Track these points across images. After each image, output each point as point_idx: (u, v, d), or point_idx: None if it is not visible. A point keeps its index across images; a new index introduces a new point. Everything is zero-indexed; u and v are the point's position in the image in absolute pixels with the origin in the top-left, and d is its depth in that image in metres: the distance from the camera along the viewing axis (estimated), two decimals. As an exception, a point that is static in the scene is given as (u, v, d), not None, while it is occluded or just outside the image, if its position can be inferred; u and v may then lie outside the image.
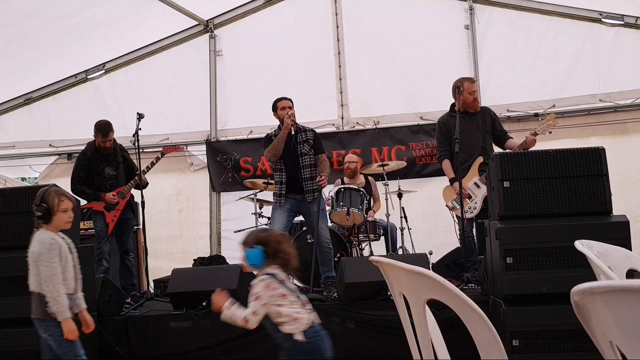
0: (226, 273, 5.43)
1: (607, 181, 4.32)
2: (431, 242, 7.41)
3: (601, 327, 1.00)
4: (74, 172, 6.50)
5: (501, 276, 4.23)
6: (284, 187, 6.05)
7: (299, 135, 6.07)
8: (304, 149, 6.03)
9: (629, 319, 0.89)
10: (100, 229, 6.41)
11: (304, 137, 6.10)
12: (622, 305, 0.89)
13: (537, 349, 4.07)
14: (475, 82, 6.36)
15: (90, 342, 4.88)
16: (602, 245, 2.20)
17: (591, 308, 0.99)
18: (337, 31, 8.85)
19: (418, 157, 8.46)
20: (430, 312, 1.59)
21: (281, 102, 6.12)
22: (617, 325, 0.92)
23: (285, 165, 6.06)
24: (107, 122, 6.45)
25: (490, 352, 1.27)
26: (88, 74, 9.15)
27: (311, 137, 6.14)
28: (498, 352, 1.25)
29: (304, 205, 6.03)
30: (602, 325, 0.99)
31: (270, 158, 6.09)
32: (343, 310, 5.16)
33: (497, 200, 4.44)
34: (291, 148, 6.00)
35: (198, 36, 9.22)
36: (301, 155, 6.01)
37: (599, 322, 1.00)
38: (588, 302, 0.99)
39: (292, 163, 6.03)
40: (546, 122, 5.95)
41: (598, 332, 1.04)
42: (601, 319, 0.98)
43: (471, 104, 6.20)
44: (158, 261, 7.85)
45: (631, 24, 7.90)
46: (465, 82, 6.26)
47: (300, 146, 6.02)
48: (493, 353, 1.26)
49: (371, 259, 1.75)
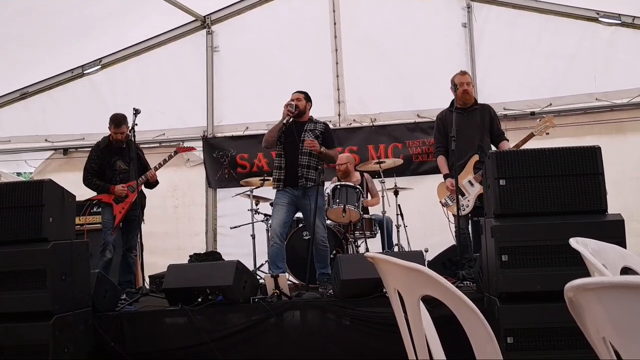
0: (222, 269, 5.43)
1: (603, 180, 4.32)
2: (427, 239, 7.41)
3: (594, 323, 1.00)
4: (86, 164, 6.59)
5: (496, 274, 4.23)
6: (282, 172, 6.08)
7: (308, 124, 6.17)
8: (306, 137, 6.07)
9: (622, 316, 0.89)
10: (107, 220, 6.46)
11: (311, 127, 6.18)
12: (616, 301, 0.89)
13: (532, 347, 4.08)
14: (465, 75, 6.29)
15: (85, 337, 4.90)
16: (597, 243, 2.20)
17: (584, 304, 0.99)
18: (334, 28, 8.86)
19: (414, 155, 8.47)
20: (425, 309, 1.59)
21: (293, 94, 6.24)
22: (610, 321, 0.92)
23: (285, 150, 6.11)
24: (123, 114, 6.55)
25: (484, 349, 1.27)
26: (84, 69, 9.15)
27: (320, 129, 6.19)
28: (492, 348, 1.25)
29: (302, 200, 6.04)
30: (596, 321, 0.99)
31: (264, 143, 6.22)
32: (338, 307, 5.15)
33: (493, 198, 4.44)
34: (294, 135, 6.05)
35: (195, 32, 9.22)
36: (302, 142, 6.05)
37: (593, 318, 1.00)
38: (581, 298, 1.00)
39: (291, 149, 6.08)
40: (544, 123, 5.94)
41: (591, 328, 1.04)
42: (594, 315, 0.98)
43: (461, 97, 6.18)
44: (153, 257, 7.86)
45: (628, 23, 7.91)
46: (457, 76, 6.26)
47: (304, 133, 6.08)
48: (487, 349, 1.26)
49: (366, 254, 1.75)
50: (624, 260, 2.29)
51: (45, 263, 4.47)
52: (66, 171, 8.90)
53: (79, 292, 4.86)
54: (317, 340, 5.13)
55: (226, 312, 5.27)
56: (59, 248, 4.63)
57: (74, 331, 4.71)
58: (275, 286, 5.39)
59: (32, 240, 4.59)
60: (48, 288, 4.44)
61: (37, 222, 4.60)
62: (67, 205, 5.00)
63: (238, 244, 8.11)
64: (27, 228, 4.60)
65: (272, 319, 5.15)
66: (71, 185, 5.44)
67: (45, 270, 4.45)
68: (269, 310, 5.15)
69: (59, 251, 4.62)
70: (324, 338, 5.13)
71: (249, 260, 7.08)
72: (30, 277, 4.46)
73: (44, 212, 4.62)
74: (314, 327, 5.23)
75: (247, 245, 7.50)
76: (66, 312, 4.62)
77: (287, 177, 6.06)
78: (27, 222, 4.61)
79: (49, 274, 4.46)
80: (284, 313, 5.19)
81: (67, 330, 4.59)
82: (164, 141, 9.05)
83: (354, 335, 5.09)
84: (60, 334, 4.48)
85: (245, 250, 7.45)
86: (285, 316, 5.20)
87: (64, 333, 4.53)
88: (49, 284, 4.44)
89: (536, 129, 5.95)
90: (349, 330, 5.13)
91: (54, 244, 4.57)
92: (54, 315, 4.45)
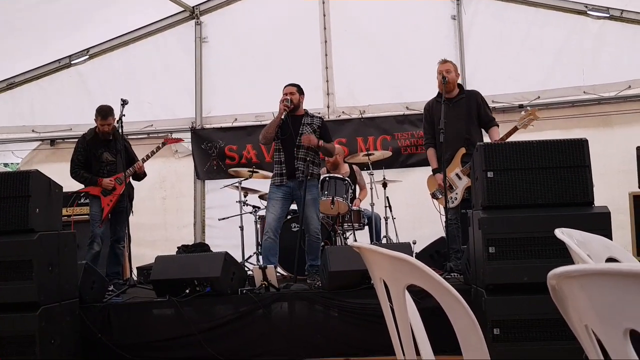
0: (210, 261, 5.43)
1: (590, 172, 4.34)
2: (415, 232, 7.42)
3: (577, 311, 1.01)
4: (73, 155, 6.54)
5: (483, 266, 4.25)
6: (283, 166, 6.10)
7: (304, 118, 6.19)
8: (303, 130, 6.09)
9: (604, 303, 0.89)
10: (95, 213, 6.42)
11: (308, 121, 6.20)
12: (598, 289, 0.89)
13: (518, 338, 4.10)
14: (446, 63, 6.19)
15: (72, 328, 4.88)
16: (582, 234, 2.21)
17: (567, 292, 1.00)
18: (323, 20, 8.83)
19: (403, 147, 8.47)
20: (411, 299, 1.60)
21: (285, 88, 6.23)
22: (592, 309, 0.92)
23: (283, 145, 6.12)
24: (109, 106, 6.49)
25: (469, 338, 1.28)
26: (72, 60, 9.07)
27: (317, 124, 6.22)
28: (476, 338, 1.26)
29: (297, 192, 6.05)
30: (578, 309, 0.99)
31: (261, 140, 6.25)
32: (327, 299, 5.17)
33: (480, 190, 4.45)
34: (291, 130, 6.06)
35: (184, 22, 9.16)
36: (299, 136, 6.08)
37: (575, 306, 1.00)
38: (564, 286, 1.00)
39: (289, 144, 6.09)
40: (528, 116, 5.93)
41: (574, 316, 1.05)
42: (577, 303, 0.98)
43: (440, 85, 6.14)
44: (141, 248, 7.82)
45: (616, 16, 7.94)
46: (438, 64, 6.23)
47: (302, 127, 6.10)
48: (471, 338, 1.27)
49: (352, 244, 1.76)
50: (609, 251, 2.31)
51: (31, 254, 4.46)
52: (53, 162, 8.85)
53: (66, 283, 4.85)
54: (305, 331, 5.14)
55: (214, 304, 5.27)
56: (46, 239, 4.62)
57: (61, 322, 4.70)
58: (264, 278, 5.39)
59: (19, 231, 4.57)
60: (34, 279, 4.42)
61: (24, 213, 4.58)
62: (54, 196, 4.98)
63: (226, 236, 8.11)
64: (14, 219, 4.59)
65: (260, 311, 5.15)
66: (58, 176, 5.42)
67: (32, 261, 4.44)
68: (256, 301, 5.15)
69: (46, 242, 4.61)
70: (311, 329, 5.14)
71: (237, 251, 7.08)
72: (16, 268, 4.44)
73: (31, 202, 4.60)
74: (301, 319, 5.24)
75: (235, 237, 7.48)
76: (53, 303, 4.61)
77: (288, 171, 6.08)
78: (14, 213, 4.59)
79: (36, 264, 4.44)
80: (271, 304, 5.19)
81: (53, 321, 4.58)
82: (152, 132, 9.01)
83: (341, 327, 5.11)
84: (47, 325, 4.47)
85: (234, 242, 7.44)
86: (273, 307, 5.21)
87: (50, 324, 4.52)
88: (35, 275, 4.43)
89: (520, 122, 5.94)
90: (336, 321, 5.15)
91: (40, 235, 4.55)
92: (40, 306, 4.44)
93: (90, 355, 5.11)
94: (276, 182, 6.11)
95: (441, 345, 2.99)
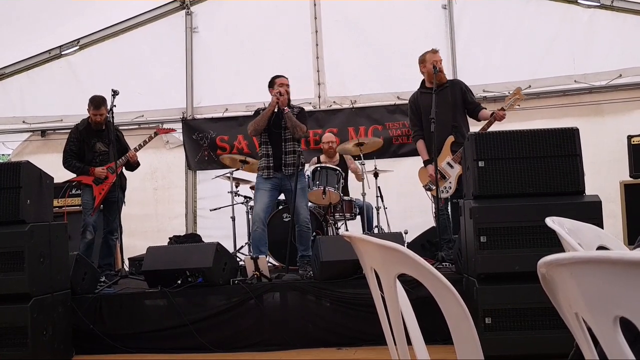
0: (201, 251, 5.43)
1: (581, 161, 4.36)
2: (407, 221, 7.43)
3: (567, 299, 1.01)
4: (65, 146, 6.52)
5: (475, 255, 4.26)
6: (271, 159, 6.08)
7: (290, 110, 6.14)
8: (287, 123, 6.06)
9: (594, 291, 0.89)
10: (87, 202, 6.42)
11: (292, 112, 6.14)
12: (588, 276, 0.89)
13: (510, 327, 4.13)
14: (436, 53, 6.27)
15: (64, 319, 4.88)
16: (573, 223, 2.22)
17: (557, 280, 1.00)
18: (314, 9, 8.81)
19: (394, 137, 8.48)
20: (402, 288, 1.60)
21: (279, 79, 6.16)
22: (582, 296, 0.92)
23: (270, 138, 6.10)
24: (102, 96, 6.47)
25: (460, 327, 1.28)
26: (62, 50, 9.03)
27: (296, 113, 6.17)
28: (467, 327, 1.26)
29: (286, 183, 6.04)
30: (568, 297, 0.99)
31: (251, 132, 6.20)
32: (318, 289, 5.18)
33: (471, 179, 4.46)
34: (277, 122, 6.04)
35: (174, 12, 9.13)
36: (284, 129, 6.05)
37: (565, 294, 1.00)
38: (554, 274, 1.00)
39: (276, 137, 6.08)
40: (513, 96, 5.96)
41: (564, 304, 1.05)
42: (567, 291, 0.98)
43: (430, 75, 6.15)
44: (133, 239, 7.82)
45: (607, 5, 7.95)
46: (428, 54, 6.25)
47: (284, 120, 6.05)
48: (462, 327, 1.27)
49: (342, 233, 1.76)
50: (600, 240, 2.32)
51: (23, 245, 4.44)
52: (44, 153, 8.83)
53: (58, 274, 4.83)
54: (296, 321, 5.15)
55: (206, 294, 5.27)
56: (37, 230, 4.60)
57: (53, 313, 4.69)
58: (255, 268, 5.39)
59: (10, 222, 4.56)
60: (26, 270, 4.41)
61: (15, 204, 4.57)
62: (45, 186, 4.96)
63: (218, 226, 8.12)
64: (5, 210, 4.57)
65: (251, 301, 5.16)
66: (49, 167, 5.40)
67: (23, 252, 4.43)
68: (248, 292, 5.15)
69: (37, 233, 4.59)
70: (303, 319, 5.15)
71: (229, 242, 7.08)
72: (7, 259, 4.43)
73: (22, 193, 4.58)
74: (294, 309, 5.25)
75: (227, 228, 7.49)
76: (44, 294, 4.60)
77: (275, 164, 6.06)
78: (5, 204, 4.58)
79: (27, 256, 4.43)
80: (263, 295, 5.20)
81: (45, 312, 4.57)
82: (143, 123, 8.98)
83: (333, 317, 5.12)
84: (39, 316, 4.47)
85: (225, 232, 7.45)
86: (265, 298, 5.21)
87: (42, 315, 4.51)
88: (27, 266, 4.41)
89: (506, 103, 5.96)
90: (328, 311, 5.16)
91: (31, 226, 4.54)
92: (32, 298, 4.43)
93: (83, 346, 5.11)
94: (264, 175, 6.08)
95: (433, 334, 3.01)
